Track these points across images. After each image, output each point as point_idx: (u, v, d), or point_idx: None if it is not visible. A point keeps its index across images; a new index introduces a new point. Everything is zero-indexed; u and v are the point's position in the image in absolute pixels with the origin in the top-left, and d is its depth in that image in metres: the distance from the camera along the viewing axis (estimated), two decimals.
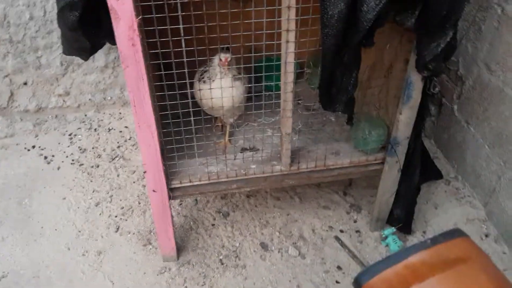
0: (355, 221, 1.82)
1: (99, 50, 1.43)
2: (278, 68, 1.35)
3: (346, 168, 1.59)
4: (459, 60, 1.91)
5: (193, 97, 1.54)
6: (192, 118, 1.41)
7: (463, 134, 1.93)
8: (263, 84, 1.67)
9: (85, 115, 2.39)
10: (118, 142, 2.24)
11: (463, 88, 1.90)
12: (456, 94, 1.95)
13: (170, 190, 1.52)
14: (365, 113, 1.64)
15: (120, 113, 2.40)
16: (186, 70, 1.30)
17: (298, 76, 1.67)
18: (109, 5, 1.11)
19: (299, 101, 1.90)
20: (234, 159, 1.57)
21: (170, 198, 1.52)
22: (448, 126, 2.04)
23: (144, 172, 1.45)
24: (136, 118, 1.32)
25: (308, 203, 1.89)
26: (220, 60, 1.52)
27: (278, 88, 1.41)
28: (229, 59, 1.51)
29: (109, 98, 2.38)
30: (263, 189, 1.92)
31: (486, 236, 1.73)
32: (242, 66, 1.58)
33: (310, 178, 1.60)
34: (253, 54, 1.37)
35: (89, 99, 2.36)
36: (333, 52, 1.25)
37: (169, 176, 1.51)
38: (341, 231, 1.80)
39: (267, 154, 1.61)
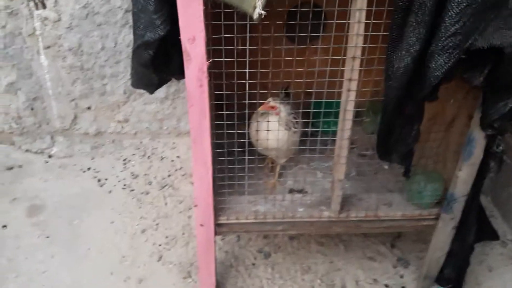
0: (401, 276, 1.75)
1: None
2: (336, 112, 1.37)
3: (398, 220, 1.54)
4: None
5: (249, 136, 1.57)
6: (246, 157, 1.44)
7: None
8: (320, 129, 1.69)
9: (141, 142, 2.48)
10: (169, 171, 2.29)
11: None
12: None
13: (217, 225, 1.53)
14: (421, 165, 1.60)
15: (174, 142, 2.48)
16: (247, 112, 1.34)
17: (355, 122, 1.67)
18: (183, 47, 1.17)
19: (353, 147, 1.88)
20: (283, 200, 1.57)
21: (215, 233, 1.53)
22: (508, 185, 1.94)
23: (195, 206, 1.47)
24: (194, 154, 1.35)
25: (353, 252, 1.84)
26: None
27: (334, 132, 1.41)
28: (277, 108, 1.53)
29: (165, 128, 2.46)
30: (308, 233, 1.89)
31: None
32: (300, 111, 1.61)
33: (359, 228, 1.56)
34: (312, 100, 1.40)
35: (146, 127, 2.45)
36: (395, 104, 1.24)
37: (216, 211, 1.53)
38: (386, 285, 1.73)
39: (316, 197, 1.60)
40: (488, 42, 1.08)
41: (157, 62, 1.32)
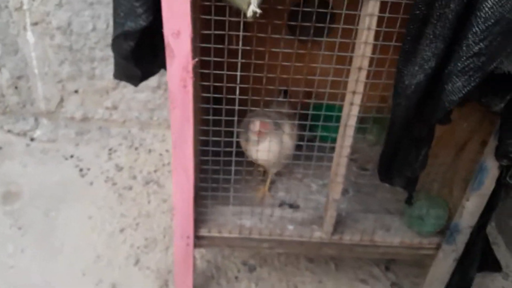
0: None
1: None
2: (337, 117, 1.22)
3: (395, 247, 1.41)
4: None
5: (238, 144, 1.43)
6: (232, 167, 1.30)
7: None
8: (318, 134, 1.53)
9: (129, 132, 2.34)
10: (155, 166, 2.16)
11: None
12: None
13: (196, 237, 1.40)
14: (425, 189, 1.46)
15: (164, 135, 2.33)
16: (235, 119, 1.20)
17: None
18: (165, 41, 1.02)
19: (353, 158, 1.74)
20: (271, 215, 1.44)
21: (195, 246, 1.40)
22: None
23: (173, 215, 1.34)
24: (174, 160, 1.22)
25: (344, 272, 1.71)
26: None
27: (333, 140, 1.26)
28: (265, 130, 1.38)
29: (155, 118, 2.32)
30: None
31: None
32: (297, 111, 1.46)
33: (352, 251, 1.43)
34: (312, 101, 1.25)
35: (136, 116, 2.31)
36: (402, 124, 1.10)
37: (197, 222, 1.39)
38: None
39: (308, 214, 1.46)
40: None
41: (140, 54, 1.17)
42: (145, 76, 1.32)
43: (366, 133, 1.52)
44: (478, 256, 1.42)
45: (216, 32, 1.08)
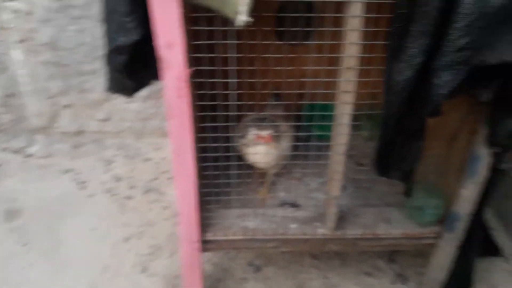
0: None
1: None
2: (331, 116, 1.24)
3: (397, 239, 1.44)
4: None
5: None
6: (232, 171, 1.32)
7: None
8: (312, 134, 1.55)
9: (123, 142, 2.34)
10: (153, 174, 2.17)
11: None
12: None
13: (203, 242, 1.42)
14: (422, 180, 1.48)
15: (158, 143, 2.34)
16: (229, 124, 1.21)
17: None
18: (159, 54, 1.04)
19: (351, 154, 1.75)
20: (273, 216, 1.46)
21: (202, 250, 1.42)
22: None
23: (179, 222, 1.36)
24: (176, 169, 1.23)
25: (349, 266, 1.73)
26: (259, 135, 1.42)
27: (328, 137, 1.29)
28: (266, 137, 1.40)
29: (149, 127, 2.33)
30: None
31: None
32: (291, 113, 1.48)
33: (356, 246, 1.45)
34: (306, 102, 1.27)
35: (129, 126, 2.32)
36: (395, 120, 1.12)
37: (203, 227, 1.41)
38: None
39: (310, 212, 1.49)
40: (499, 58, 0.95)
41: (133, 67, 1.18)
42: (138, 87, 1.33)
43: (360, 130, 1.55)
44: (478, 242, 1.45)
45: (207, 42, 1.09)
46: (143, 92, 2.19)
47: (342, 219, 1.43)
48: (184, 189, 1.27)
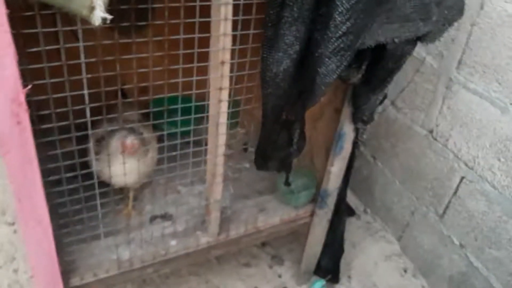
0: (279, 276, 1.67)
1: None
2: (183, 110, 1.08)
3: (276, 226, 1.43)
4: None
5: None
6: (97, 201, 1.09)
7: (369, 168, 1.95)
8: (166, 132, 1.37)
9: None
10: None
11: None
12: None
13: None
14: None
15: None
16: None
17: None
18: None
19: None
20: (151, 239, 1.28)
21: None
22: None
23: (31, 277, 1.07)
24: (23, 214, 0.95)
25: (227, 263, 1.67)
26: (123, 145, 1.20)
27: (187, 132, 1.17)
28: (136, 145, 1.20)
29: None
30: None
31: (405, 271, 1.75)
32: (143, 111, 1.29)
33: (239, 244, 1.40)
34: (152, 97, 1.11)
35: None
36: (276, 113, 1.08)
37: (66, 274, 1.15)
38: None
39: (188, 222, 1.36)
40: (374, 39, 0.98)
41: None
42: None
43: (237, 127, 1.47)
44: (344, 211, 1.56)
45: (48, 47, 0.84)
46: None
47: (223, 220, 1.35)
48: (38, 237, 1.00)
